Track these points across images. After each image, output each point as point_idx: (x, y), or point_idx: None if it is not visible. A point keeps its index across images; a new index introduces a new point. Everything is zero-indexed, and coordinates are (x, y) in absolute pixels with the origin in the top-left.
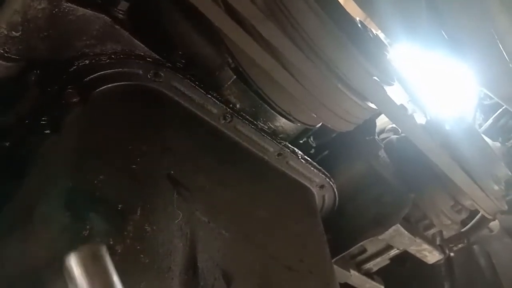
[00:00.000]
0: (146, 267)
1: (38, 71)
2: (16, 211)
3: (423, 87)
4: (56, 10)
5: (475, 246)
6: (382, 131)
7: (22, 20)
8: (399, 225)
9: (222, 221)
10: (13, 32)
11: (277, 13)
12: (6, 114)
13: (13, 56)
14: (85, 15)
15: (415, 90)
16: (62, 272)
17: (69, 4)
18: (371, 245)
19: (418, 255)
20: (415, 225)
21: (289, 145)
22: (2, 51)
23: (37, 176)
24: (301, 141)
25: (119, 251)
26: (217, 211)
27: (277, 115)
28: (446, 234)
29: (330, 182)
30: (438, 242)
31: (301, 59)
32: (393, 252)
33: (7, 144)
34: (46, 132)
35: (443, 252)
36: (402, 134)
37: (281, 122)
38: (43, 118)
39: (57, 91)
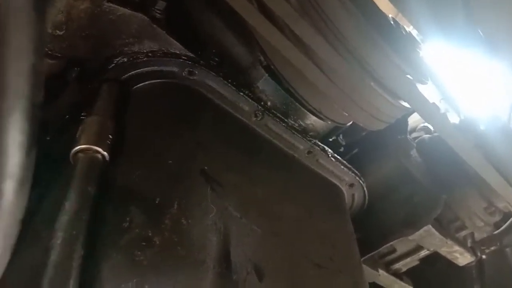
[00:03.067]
0: (182, 259)
1: (78, 68)
2: (57, 202)
3: (456, 86)
4: (98, 9)
5: (507, 249)
6: (414, 129)
7: (66, 19)
8: (430, 226)
9: (253, 217)
10: (57, 31)
11: (310, 11)
12: (47, 109)
13: (56, 54)
14: (124, 15)
15: (448, 88)
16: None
17: (110, 4)
18: (400, 245)
19: (449, 256)
20: (447, 226)
21: (319, 143)
22: (46, 49)
23: None
24: (330, 139)
25: (158, 243)
26: (249, 207)
27: (308, 113)
28: (478, 236)
29: (360, 181)
30: (469, 244)
31: (334, 57)
32: (423, 253)
33: (48, 138)
34: None
35: (474, 254)
36: (434, 133)
37: (312, 120)
38: (82, 114)
39: (96, 88)
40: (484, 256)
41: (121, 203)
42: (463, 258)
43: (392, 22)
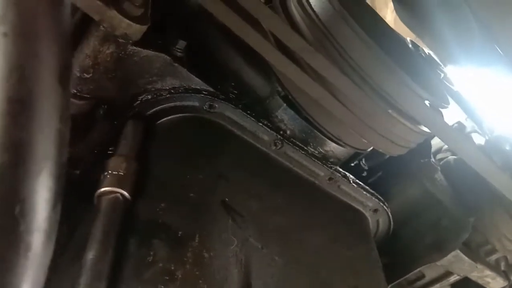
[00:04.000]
0: None
1: (106, 106)
2: (85, 235)
3: (481, 106)
4: (123, 53)
5: None
6: (439, 150)
7: (93, 63)
8: (458, 251)
9: (275, 247)
10: (85, 74)
11: (325, 43)
12: (77, 145)
13: (84, 95)
14: (147, 56)
15: (473, 109)
16: None
17: (134, 47)
18: (429, 271)
19: (480, 281)
20: (476, 251)
21: (340, 169)
22: (75, 91)
23: None
24: (352, 164)
25: (180, 276)
26: (270, 237)
27: (327, 140)
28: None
29: (384, 206)
30: (503, 268)
31: (350, 87)
32: (453, 279)
33: (77, 172)
34: None
35: (507, 278)
36: None
37: (331, 147)
38: (110, 149)
39: (122, 124)
40: None
41: (145, 236)
42: (495, 282)
43: (410, 46)
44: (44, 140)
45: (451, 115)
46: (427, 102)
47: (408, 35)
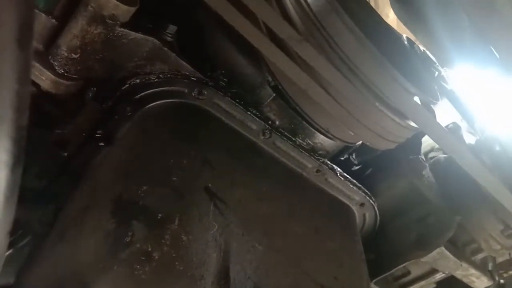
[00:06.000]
0: (180, 274)
1: (95, 89)
2: (70, 216)
3: (475, 105)
4: (111, 34)
5: None
6: (433, 149)
7: (81, 44)
8: (443, 248)
9: (256, 234)
10: (73, 54)
11: (315, 33)
12: (66, 127)
13: (72, 76)
14: (136, 39)
15: (466, 108)
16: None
17: (122, 29)
18: (415, 268)
19: (465, 280)
20: (462, 249)
21: (328, 162)
22: (63, 71)
23: (90, 185)
24: (342, 158)
25: (156, 257)
26: (252, 224)
27: (316, 132)
28: (500, 259)
29: (371, 201)
30: (490, 268)
31: (338, 78)
32: (439, 276)
33: (65, 154)
34: (100, 144)
35: (492, 278)
36: None
37: (320, 139)
38: (98, 132)
39: (111, 107)
40: (502, 281)
41: (124, 217)
42: (479, 282)
43: (406, 42)
44: (1, 102)
45: (447, 116)
46: (416, 98)
47: (410, 36)
